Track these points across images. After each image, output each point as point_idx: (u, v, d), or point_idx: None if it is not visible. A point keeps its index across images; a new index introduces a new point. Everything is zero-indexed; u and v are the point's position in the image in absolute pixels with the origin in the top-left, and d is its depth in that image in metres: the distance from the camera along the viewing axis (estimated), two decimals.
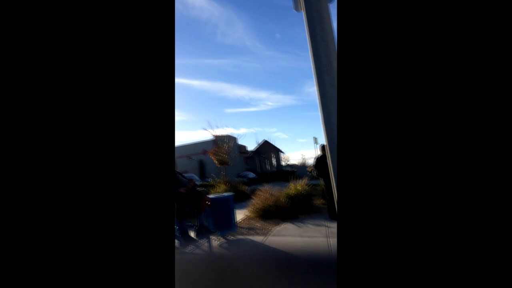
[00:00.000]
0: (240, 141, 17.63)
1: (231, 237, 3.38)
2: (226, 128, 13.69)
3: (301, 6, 1.28)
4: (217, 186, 7.17)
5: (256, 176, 16.48)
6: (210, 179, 10.59)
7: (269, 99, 54.04)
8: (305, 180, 5.15)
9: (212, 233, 3.22)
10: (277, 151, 23.83)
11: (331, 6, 1.27)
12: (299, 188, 4.74)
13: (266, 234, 3.39)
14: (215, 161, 11.41)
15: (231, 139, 12.34)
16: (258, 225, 3.93)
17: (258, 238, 3.24)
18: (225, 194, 4.07)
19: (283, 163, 24.01)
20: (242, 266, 2.39)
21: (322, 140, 11.59)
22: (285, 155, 25.06)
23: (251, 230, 3.69)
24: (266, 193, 4.62)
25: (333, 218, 3.67)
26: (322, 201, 4.87)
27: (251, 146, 23.94)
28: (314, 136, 15.27)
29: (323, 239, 2.93)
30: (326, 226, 3.42)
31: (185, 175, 3.88)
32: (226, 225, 3.51)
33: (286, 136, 47.66)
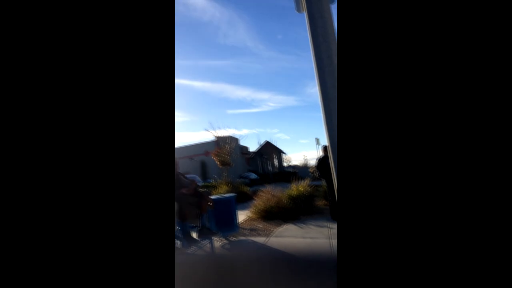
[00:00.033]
0: (242, 142, 17.60)
1: (233, 238, 3.38)
2: (228, 129, 13.70)
3: (303, 7, 1.28)
4: (219, 187, 7.18)
5: (258, 177, 16.48)
6: (212, 180, 10.61)
7: (271, 100, 54.12)
8: (307, 181, 5.14)
9: (214, 234, 3.22)
10: (279, 152, 23.82)
11: (332, 7, 1.27)
12: (301, 189, 4.73)
13: (268, 235, 3.38)
14: (217, 162, 11.41)
15: (233, 140, 12.34)
16: (260, 226, 3.92)
17: (260, 239, 3.24)
18: (227, 195, 4.07)
19: (285, 164, 24.00)
20: (244, 267, 2.38)
21: (324, 141, 11.57)
22: (287, 156, 25.13)
23: (253, 231, 3.69)
24: (268, 194, 4.61)
25: (335, 219, 3.66)
26: (324, 202, 4.86)
27: (253, 147, 23.95)
28: (316, 137, 15.23)
29: (325, 240, 2.92)
30: (328, 227, 3.40)
31: (187, 176, 3.89)
32: (228, 226, 3.51)
33: (288, 137, 47.72)
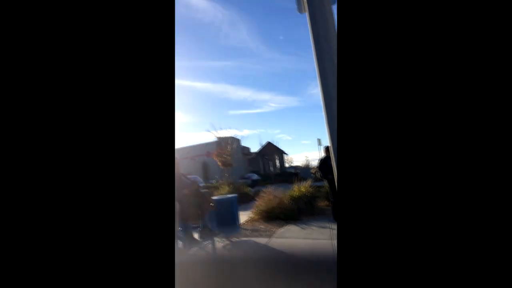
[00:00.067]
0: (243, 143, 17.63)
1: (234, 238, 3.38)
2: (229, 129, 13.70)
3: (304, 8, 1.28)
4: (220, 188, 7.18)
5: (259, 178, 16.46)
6: (214, 180, 10.62)
7: (272, 101, 54.03)
8: (308, 182, 5.13)
9: (215, 234, 3.22)
10: (281, 153, 23.81)
11: (334, 8, 1.27)
12: (302, 190, 4.72)
13: (269, 236, 3.38)
14: (219, 163, 11.42)
15: (234, 140, 12.36)
16: (262, 226, 3.92)
17: (262, 240, 3.23)
18: (229, 195, 4.08)
19: (286, 165, 23.96)
20: (246, 268, 2.38)
21: (326, 142, 11.55)
22: (289, 157, 25.10)
23: (254, 231, 3.69)
24: (270, 195, 4.60)
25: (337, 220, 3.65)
26: (326, 203, 4.84)
27: (254, 148, 23.97)
28: (318, 138, 15.18)
29: (327, 241, 2.91)
30: (330, 228, 3.40)
31: (188, 176, 3.89)
32: (229, 227, 3.52)
33: (289, 138, 47.56)
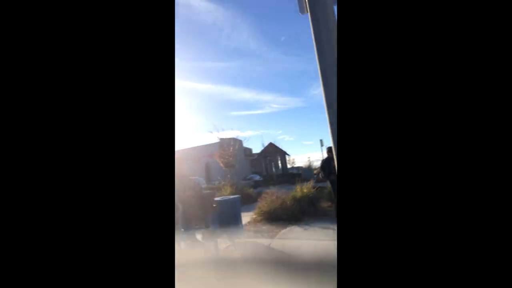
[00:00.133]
0: (245, 144, 17.62)
1: (237, 239, 3.38)
2: (231, 131, 13.71)
3: (306, 9, 1.29)
4: (223, 189, 7.18)
5: (262, 179, 16.45)
6: (216, 182, 10.62)
7: (274, 102, 53.83)
8: (311, 183, 5.12)
9: (218, 235, 3.22)
10: (283, 154, 23.77)
11: (336, 8, 1.27)
12: (305, 190, 4.71)
13: (272, 237, 3.37)
14: (221, 164, 11.43)
15: (236, 142, 12.37)
16: (265, 227, 3.92)
17: (265, 241, 3.23)
18: (231, 196, 4.08)
19: (289, 166, 23.91)
20: (248, 269, 2.38)
21: (328, 143, 11.52)
22: (291, 158, 24.97)
23: (257, 232, 3.68)
24: (272, 196, 4.60)
25: None
26: (329, 203, 4.83)
27: (256, 149, 23.96)
28: (320, 139, 15.11)
29: (329, 242, 2.90)
30: (333, 229, 3.38)
31: (191, 178, 3.90)
32: (232, 228, 3.51)
33: (291, 139, 47.29)
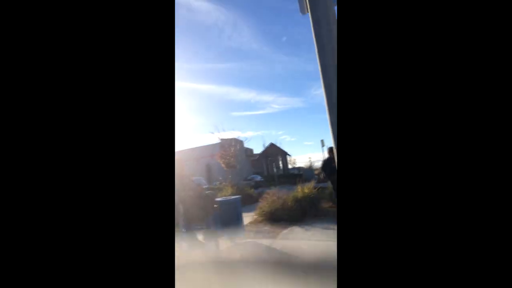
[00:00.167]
0: (246, 144, 17.64)
1: (238, 240, 3.38)
2: (232, 131, 13.73)
3: (307, 9, 1.29)
4: (224, 189, 7.19)
5: (263, 179, 16.44)
6: (217, 182, 10.63)
7: (275, 102, 53.67)
8: (312, 183, 5.12)
9: (219, 236, 3.22)
10: (284, 154, 23.76)
11: (336, 9, 1.27)
12: (306, 191, 4.70)
13: (274, 237, 3.37)
14: (222, 165, 11.45)
15: (237, 142, 12.39)
16: (266, 228, 3.92)
17: (266, 241, 3.23)
18: (233, 197, 4.08)
19: (290, 166, 23.89)
20: (250, 269, 2.38)
21: (329, 143, 11.50)
22: (292, 158, 24.94)
23: (258, 233, 3.68)
24: (273, 196, 4.59)
25: None
26: (330, 204, 4.82)
27: (257, 149, 23.95)
28: (321, 139, 15.07)
29: (331, 242, 2.89)
30: (334, 230, 3.38)
31: (192, 178, 3.91)
32: (233, 228, 3.51)
33: (292, 139, 47.15)
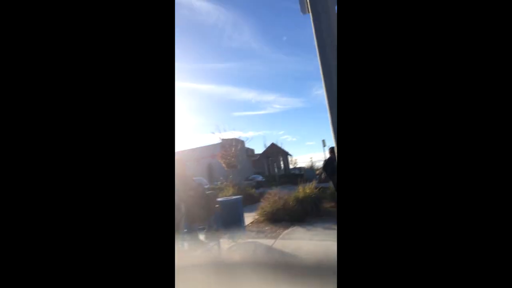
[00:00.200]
0: (247, 144, 17.62)
1: (240, 240, 3.38)
2: (233, 131, 13.74)
3: (308, 9, 1.29)
4: (225, 189, 7.19)
5: (264, 179, 16.44)
6: (219, 182, 10.64)
7: (276, 102, 53.62)
8: (313, 183, 5.11)
9: (221, 236, 3.23)
10: (285, 154, 23.74)
11: (337, 8, 1.27)
12: (307, 191, 4.69)
13: (275, 237, 3.37)
14: (223, 165, 11.46)
15: (238, 142, 12.38)
16: (267, 228, 3.92)
17: (267, 242, 3.23)
18: (234, 197, 4.08)
19: (291, 166, 23.87)
20: (251, 269, 2.38)
21: (330, 143, 11.48)
22: (293, 158, 24.90)
23: (260, 233, 3.68)
24: (275, 196, 4.59)
25: None
26: (332, 204, 4.81)
27: (258, 149, 23.95)
28: (323, 139, 15.07)
29: (332, 242, 2.89)
30: (335, 230, 3.37)
31: (194, 178, 3.91)
32: (235, 228, 3.51)
33: (294, 139, 47.09)
